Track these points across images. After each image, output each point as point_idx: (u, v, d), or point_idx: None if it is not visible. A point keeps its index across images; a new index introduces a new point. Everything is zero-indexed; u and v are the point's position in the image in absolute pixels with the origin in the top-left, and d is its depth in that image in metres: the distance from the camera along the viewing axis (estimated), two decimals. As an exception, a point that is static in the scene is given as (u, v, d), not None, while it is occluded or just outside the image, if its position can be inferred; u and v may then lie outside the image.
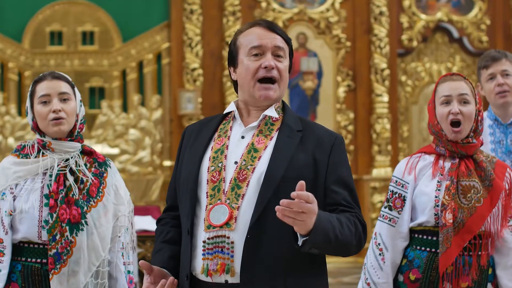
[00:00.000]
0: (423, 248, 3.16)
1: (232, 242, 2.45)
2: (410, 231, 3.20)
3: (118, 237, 3.15)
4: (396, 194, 3.21)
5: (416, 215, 3.19)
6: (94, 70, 9.91)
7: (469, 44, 10.55)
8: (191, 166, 2.59)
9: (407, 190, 3.19)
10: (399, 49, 10.38)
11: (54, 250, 2.98)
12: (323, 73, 10.22)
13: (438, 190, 3.14)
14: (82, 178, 3.08)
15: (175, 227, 2.68)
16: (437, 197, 3.13)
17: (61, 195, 3.03)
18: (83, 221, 3.03)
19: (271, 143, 2.55)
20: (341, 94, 10.20)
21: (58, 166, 3.07)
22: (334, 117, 10.16)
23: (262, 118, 2.61)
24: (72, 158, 3.10)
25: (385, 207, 3.23)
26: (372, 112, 10.15)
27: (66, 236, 2.99)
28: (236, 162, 2.53)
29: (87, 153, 3.16)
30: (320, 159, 2.55)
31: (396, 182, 3.23)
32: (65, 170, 3.07)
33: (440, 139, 3.21)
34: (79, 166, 3.10)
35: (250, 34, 2.62)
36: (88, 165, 3.13)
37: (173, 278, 2.55)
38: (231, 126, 2.64)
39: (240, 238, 2.45)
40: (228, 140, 2.60)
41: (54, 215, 3.00)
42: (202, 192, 2.55)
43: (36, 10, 9.79)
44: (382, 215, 3.23)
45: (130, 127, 9.89)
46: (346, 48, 10.22)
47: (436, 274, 3.11)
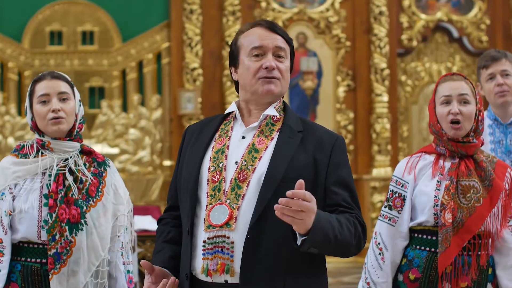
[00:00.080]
0: (423, 247, 3.16)
1: (232, 242, 2.45)
2: (410, 231, 3.20)
3: (118, 236, 3.15)
4: (396, 194, 3.21)
5: (415, 215, 3.19)
6: (94, 70, 9.92)
7: (469, 44, 10.56)
8: (192, 166, 2.60)
9: (407, 189, 3.20)
10: (399, 49, 10.39)
11: (53, 250, 2.98)
12: (323, 72, 10.22)
13: (438, 189, 3.14)
14: (81, 177, 3.08)
15: (176, 227, 2.68)
16: (436, 196, 3.13)
17: (60, 195, 3.02)
18: (83, 221, 3.02)
19: (272, 144, 2.56)
20: (341, 94, 10.20)
21: (57, 166, 3.07)
22: (334, 117, 10.17)
23: (263, 118, 2.61)
24: (71, 157, 3.10)
25: (385, 207, 3.23)
26: (372, 112, 10.15)
27: (66, 236, 2.99)
28: (236, 162, 2.54)
29: (86, 152, 3.15)
30: (320, 160, 2.55)
31: (396, 181, 3.23)
32: (64, 170, 3.07)
33: (440, 139, 3.21)
34: (78, 166, 3.10)
35: (251, 35, 2.62)
36: (87, 164, 3.12)
37: (174, 278, 2.55)
38: (232, 126, 2.64)
39: (240, 238, 2.45)
40: (229, 140, 2.60)
41: (54, 215, 3.00)
42: (203, 192, 2.55)
43: (36, 10, 9.80)
44: (382, 215, 3.23)
45: (130, 127, 9.89)
46: (346, 48, 10.23)
47: (435, 274, 3.11)
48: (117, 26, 9.91)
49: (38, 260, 3.03)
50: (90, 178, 3.09)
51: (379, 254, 3.21)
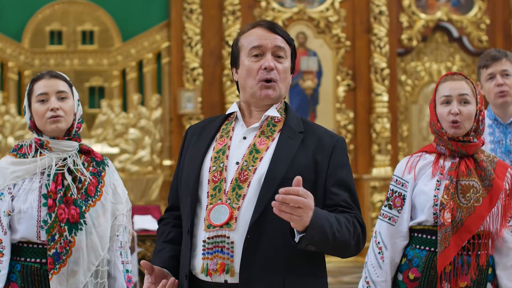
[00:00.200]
0: (423, 247, 3.16)
1: (232, 242, 2.45)
2: (410, 230, 3.20)
3: (117, 236, 3.14)
4: (396, 193, 3.21)
5: (415, 214, 3.19)
6: (94, 70, 9.92)
7: (468, 43, 10.55)
8: (193, 166, 2.60)
9: (407, 189, 3.20)
10: (399, 48, 10.39)
11: (53, 250, 2.98)
12: (323, 72, 10.22)
13: (438, 189, 3.14)
14: (80, 177, 3.07)
15: (177, 227, 2.68)
16: (436, 196, 3.13)
17: (59, 195, 3.02)
18: (82, 220, 3.02)
19: (273, 144, 2.56)
20: (340, 94, 10.20)
21: (56, 165, 3.06)
22: (333, 116, 10.16)
23: (264, 119, 2.61)
24: (70, 157, 3.09)
25: (385, 206, 3.23)
26: (371, 111, 10.15)
27: (65, 236, 2.98)
28: (237, 163, 2.54)
29: (85, 152, 3.15)
30: (320, 161, 2.54)
31: (396, 181, 3.23)
32: (63, 169, 3.07)
33: (440, 138, 3.21)
34: (77, 165, 3.09)
35: (251, 35, 2.62)
36: (86, 164, 3.12)
37: (174, 279, 2.55)
38: (233, 127, 2.64)
39: (240, 238, 2.45)
40: (230, 140, 2.60)
41: (53, 215, 2.99)
42: (203, 191, 2.55)
43: (36, 9, 9.80)
44: (382, 214, 3.23)
45: (130, 127, 9.89)
46: (346, 47, 10.22)
47: (435, 274, 3.11)
48: (117, 25, 9.91)
49: (38, 260, 3.03)
50: (89, 178, 3.09)
51: (379, 253, 3.21)
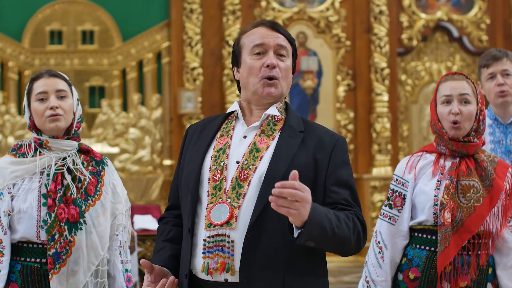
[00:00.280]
0: (423, 247, 3.16)
1: (232, 241, 2.45)
2: (410, 230, 3.20)
3: (116, 235, 3.14)
4: (396, 193, 3.21)
5: (415, 214, 3.19)
6: (94, 69, 9.92)
7: (469, 43, 10.55)
8: (193, 165, 2.60)
9: (407, 188, 3.20)
10: (399, 48, 10.39)
11: (53, 250, 2.97)
12: (323, 72, 10.22)
13: (438, 189, 3.14)
14: (79, 177, 3.07)
15: (177, 226, 2.68)
16: (436, 196, 3.13)
17: (59, 194, 3.02)
18: (82, 220, 3.02)
19: (273, 143, 2.56)
20: (341, 93, 10.20)
21: (55, 165, 3.06)
22: (334, 116, 10.16)
23: (264, 118, 2.61)
24: (69, 156, 3.09)
25: (385, 205, 3.23)
26: (372, 111, 10.15)
27: (65, 235, 2.98)
28: (237, 162, 2.54)
29: (84, 151, 3.15)
30: (321, 160, 2.54)
31: (396, 180, 3.23)
32: (62, 169, 3.06)
33: (441, 138, 3.21)
34: (77, 165, 3.09)
35: (253, 34, 2.63)
36: (85, 163, 3.12)
37: (173, 278, 2.55)
38: (234, 126, 2.64)
39: (240, 237, 2.45)
40: (230, 139, 2.60)
41: (53, 215, 2.99)
42: (203, 190, 2.55)
43: (36, 9, 9.80)
44: (383, 213, 3.23)
45: (130, 126, 9.89)
46: (346, 47, 10.22)
47: (435, 273, 3.11)
48: (117, 25, 9.91)
49: (38, 260, 3.02)
50: (89, 177, 3.09)
51: (379, 252, 3.21)
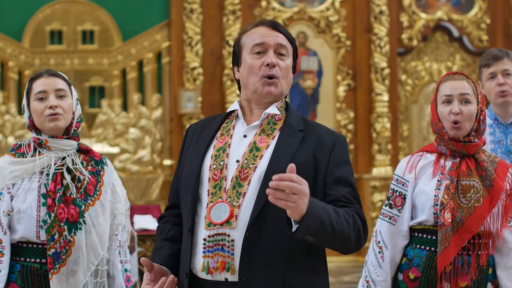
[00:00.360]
0: (423, 247, 3.16)
1: (232, 240, 2.45)
2: (410, 230, 3.20)
3: (115, 235, 3.14)
4: (396, 193, 3.21)
5: (416, 214, 3.19)
6: (94, 69, 9.91)
7: (469, 43, 10.55)
8: (193, 164, 2.60)
9: (408, 188, 3.19)
10: (399, 48, 10.39)
11: (52, 250, 2.97)
12: (323, 72, 10.21)
13: (438, 189, 3.14)
14: (79, 176, 3.07)
15: (177, 225, 2.68)
16: (436, 196, 3.13)
17: (58, 194, 3.02)
18: (81, 220, 3.02)
19: (273, 142, 2.56)
20: (341, 93, 10.20)
21: (55, 164, 3.06)
22: (334, 116, 10.16)
23: (264, 117, 2.61)
24: (68, 156, 3.09)
25: (385, 205, 3.23)
26: (372, 111, 10.15)
27: (65, 235, 2.98)
28: (237, 161, 2.54)
29: (84, 151, 3.15)
30: (320, 158, 2.54)
31: (397, 180, 3.23)
32: (62, 168, 3.06)
33: (441, 138, 3.21)
34: (76, 165, 3.09)
35: (254, 33, 2.64)
36: (84, 163, 3.12)
37: (173, 276, 2.55)
38: (234, 125, 2.65)
39: (240, 236, 2.45)
40: (230, 138, 2.60)
41: (52, 215, 2.99)
42: (204, 190, 2.55)
43: (36, 9, 9.80)
44: (383, 213, 3.23)
45: (130, 126, 9.89)
46: (346, 47, 10.22)
47: (435, 273, 3.11)
48: (117, 25, 9.91)
49: (38, 260, 3.02)
50: (88, 177, 3.08)
51: (379, 252, 3.21)
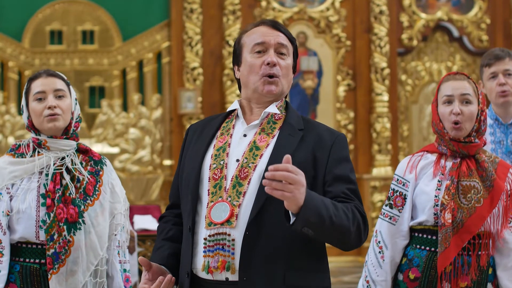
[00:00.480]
0: (423, 247, 3.16)
1: (233, 240, 2.45)
2: (410, 230, 3.20)
3: (114, 235, 3.14)
4: (397, 193, 3.20)
5: (416, 214, 3.19)
6: (94, 69, 9.91)
7: (469, 43, 10.55)
8: (193, 164, 2.60)
9: (408, 188, 3.19)
10: (399, 48, 10.38)
11: (52, 250, 2.97)
12: (323, 72, 10.21)
13: (438, 189, 3.13)
14: (78, 176, 3.07)
15: (177, 225, 2.68)
16: (437, 196, 3.12)
17: (58, 194, 3.01)
18: (81, 220, 3.02)
19: (273, 141, 2.56)
20: (341, 93, 10.19)
21: (54, 165, 3.06)
22: (334, 116, 10.16)
23: (264, 116, 2.61)
24: (68, 156, 3.09)
25: (386, 205, 3.23)
26: (372, 111, 10.15)
27: (64, 235, 2.98)
28: (237, 160, 2.54)
29: (83, 151, 3.15)
30: (320, 157, 2.54)
31: (397, 180, 3.22)
32: (61, 169, 3.06)
33: (442, 138, 3.20)
34: (75, 165, 3.09)
35: (254, 33, 2.65)
36: (83, 163, 3.12)
37: (170, 276, 2.54)
38: (234, 124, 2.65)
39: (241, 235, 2.45)
40: (230, 138, 2.61)
41: (52, 215, 2.99)
42: (204, 189, 2.55)
43: (36, 9, 9.79)
44: (383, 213, 3.23)
45: (130, 126, 9.89)
46: (346, 47, 10.22)
47: (435, 274, 3.10)
48: (117, 25, 9.90)
49: (37, 260, 3.02)
50: (87, 177, 3.08)
51: (379, 252, 3.20)
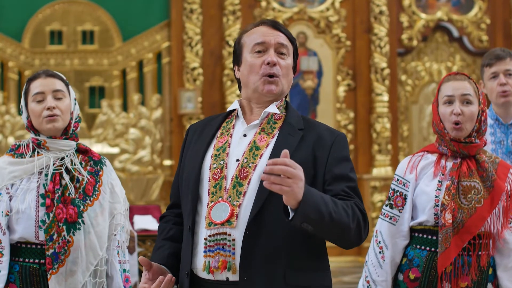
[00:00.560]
0: (423, 247, 3.16)
1: (233, 240, 2.45)
2: (411, 230, 3.20)
3: (114, 235, 3.14)
4: (397, 193, 3.20)
5: (416, 214, 3.19)
6: (94, 70, 9.91)
7: (469, 43, 10.55)
8: (193, 164, 2.60)
9: (408, 188, 3.19)
10: (399, 48, 10.38)
11: (51, 250, 2.97)
12: (323, 72, 10.21)
13: (439, 189, 3.13)
14: (77, 176, 3.07)
15: (177, 225, 2.68)
16: (437, 196, 3.12)
17: (57, 195, 3.01)
18: (80, 220, 3.01)
19: (273, 141, 2.56)
20: (341, 94, 10.20)
21: (53, 165, 3.06)
22: (334, 116, 10.16)
23: (264, 116, 2.61)
24: (67, 156, 3.09)
25: (386, 205, 3.23)
26: (372, 111, 10.15)
27: (63, 235, 2.98)
28: (237, 160, 2.54)
29: (82, 151, 3.14)
30: (320, 156, 2.54)
31: (397, 180, 3.22)
32: (60, 169, 3.06)
33: (442, 138, 3.20)
34: (75, 165, 3.09)
35: (254, 33, 2.65)
36: (83, 163, 3.11)
37: (171, 275, 2.54)
38: (234, 124, 2.65)
39: (241, 235, 2.45)
40: (230, 138, 2.60)
41: (51, 215, 2.98)
42: (204, 189, 2.55)
43: (36, 9, 9.80)
44: (383, 213, 3.23)
45: (130, 127, 9.89)
46: (346, 47, 10.22)
47: (435, 274, 3.10)
48: (117, 25, 9.91)
49: (36, 260, 3.02)
50: (87, 177, 3.08)
51: (379, 252, 3.20)
